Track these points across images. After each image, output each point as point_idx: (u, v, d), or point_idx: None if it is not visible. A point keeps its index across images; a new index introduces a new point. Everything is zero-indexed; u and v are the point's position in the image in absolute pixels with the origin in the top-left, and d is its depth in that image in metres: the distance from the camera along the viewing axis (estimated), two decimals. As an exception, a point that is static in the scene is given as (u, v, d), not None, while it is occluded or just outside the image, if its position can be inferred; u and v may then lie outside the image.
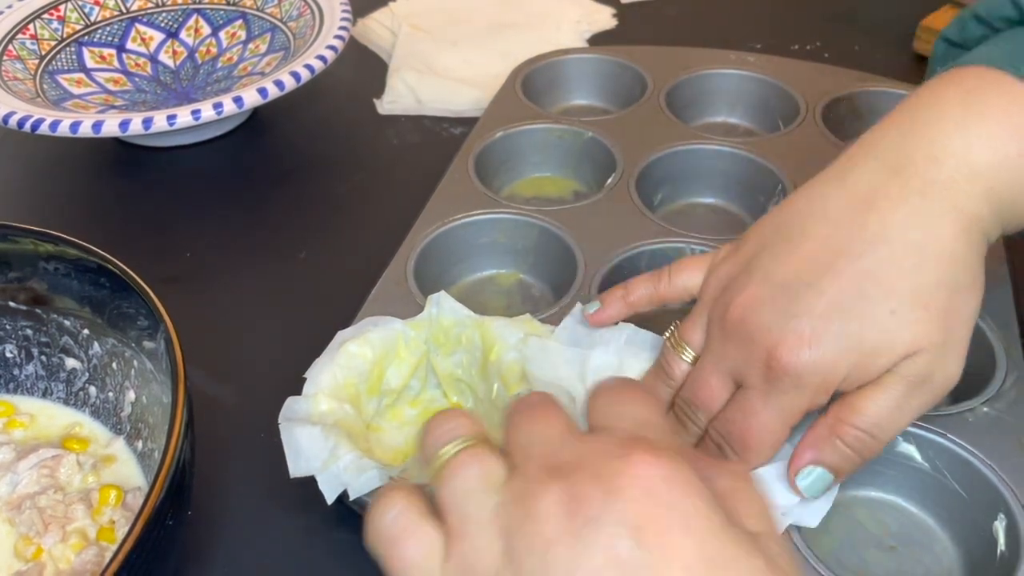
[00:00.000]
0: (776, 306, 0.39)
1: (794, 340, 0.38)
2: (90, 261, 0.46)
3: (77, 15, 0.78)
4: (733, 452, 0.41)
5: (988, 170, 0.38)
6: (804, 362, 0.38)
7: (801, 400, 0.39)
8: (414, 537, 0.30)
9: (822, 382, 0.38)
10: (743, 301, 0.40)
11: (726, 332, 0.41)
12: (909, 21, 0.80)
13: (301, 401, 0.45)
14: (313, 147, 0.74)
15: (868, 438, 0.39)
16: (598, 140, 0.64)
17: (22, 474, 0.46)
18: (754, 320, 0.40)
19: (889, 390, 0.38)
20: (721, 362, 0.41)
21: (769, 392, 0.39)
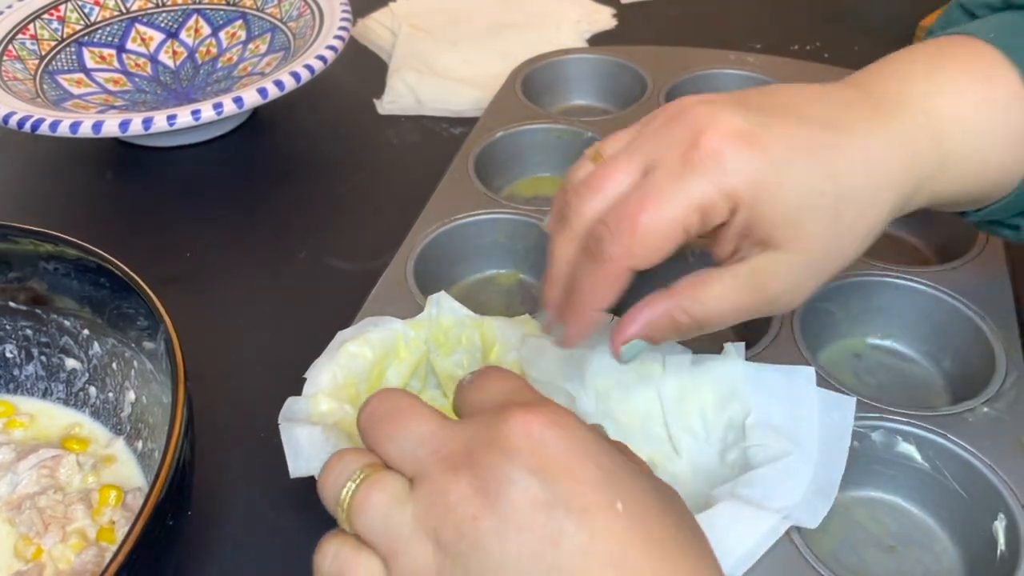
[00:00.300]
0: (732, 106, 0.37)
1: (738, 134, 0.35)
2: (90, 261, 0.46)
3: (77, 15, 0.78)
4: (614, 240, 0.36)
5: (942, 115, 0.39)
6: (736, 157, 0.35)
7: (707, 194, 0.35)
8: (355, 569, 0.31)
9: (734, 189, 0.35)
10: (698, 97, 0.38)
11: (661, 121, 0.38)
12: (909, 21, 0.80)
13: (301, 401, 0.45)
14: (313, 147, 0.74)
15: (697, 327, 0.39)
16: (598, 140, 0.64)
17: (22, 474, 0.46)
18: (700, 107, 0.37)
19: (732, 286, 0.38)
20: (637, 147, 0.38)
21: (681, 173, 0.36)
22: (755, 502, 0.40)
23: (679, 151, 0.36)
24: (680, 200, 0.35)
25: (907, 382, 0.50)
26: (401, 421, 0.32)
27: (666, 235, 0.36)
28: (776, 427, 0.43)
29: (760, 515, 0.39)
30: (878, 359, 0.52)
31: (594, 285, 0.38)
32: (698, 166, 0.35)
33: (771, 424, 0.43)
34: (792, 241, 0.37)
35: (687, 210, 0.35)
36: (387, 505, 0.31)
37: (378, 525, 0.31)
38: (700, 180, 0.35)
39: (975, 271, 0.51)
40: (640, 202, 0.36)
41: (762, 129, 0.36)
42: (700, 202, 0.35)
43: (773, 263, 0.38)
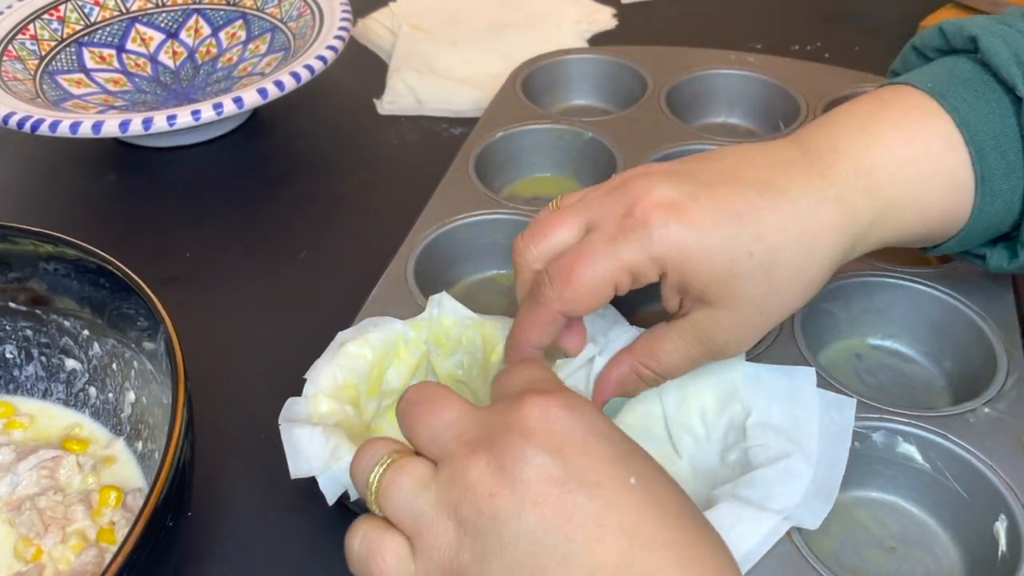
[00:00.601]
0: (669, 178, 0.40)
1: (669, 206, 0.39)
2: (90, 261, 0.46)
3: (77, 15, 0.78)
4: (551, 286, 0.40)
5: (875, 168, 0.41)
6: (663, 226, 0.38)
7: (636, 258, 0.39)
8: (383, 548, 0.33)
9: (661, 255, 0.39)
10: (642, 169, 0.42)
11: (607, 187, 0.41)
12: (909, 21, 0.80)
13: (301, 402, 0.45)
14: (313, 147, 0.74)
15: (659, 379, 0.43)
16: (598, 140, 0.64)
17: (22, 475, 0.46)
18: (641, 180, 0.40)
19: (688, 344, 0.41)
20: (583, 206, 0.41)
21: (615, 237, 0.39)
22: (755, 503, 0.40)
23: (615, 217, 0.40)
24: (611, 260, 0.39)
25: (908, 382, 0.50)
26: (432, 408, 0.35)
27: (596, 289, 0.40)
28: (776, 427, 0.43)
29: (761, 516, 0.39)
30: (879, 359, 0.52)
31: (531, 324, 0.42)
32: (629, 232, 0.39)
33: (771, 424, 0.43)
34: (726, 299, 0.40)
35: (617, 270, 0.39)
36: (412, 487, 0.33)
37: (404, 506, 0.33)
38: (630, 245, 0.39)
39: (976, 271, 0.51)
40: (576, 257, 0.40)
41: (690, 199, 0.39)
42: (629, 264, 0.39)
43: (712, 318, 0.41)
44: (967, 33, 0.44)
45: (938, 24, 0.47)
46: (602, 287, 0.40)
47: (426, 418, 0.34)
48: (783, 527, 0.40)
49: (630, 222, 0.39)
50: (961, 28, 0.45)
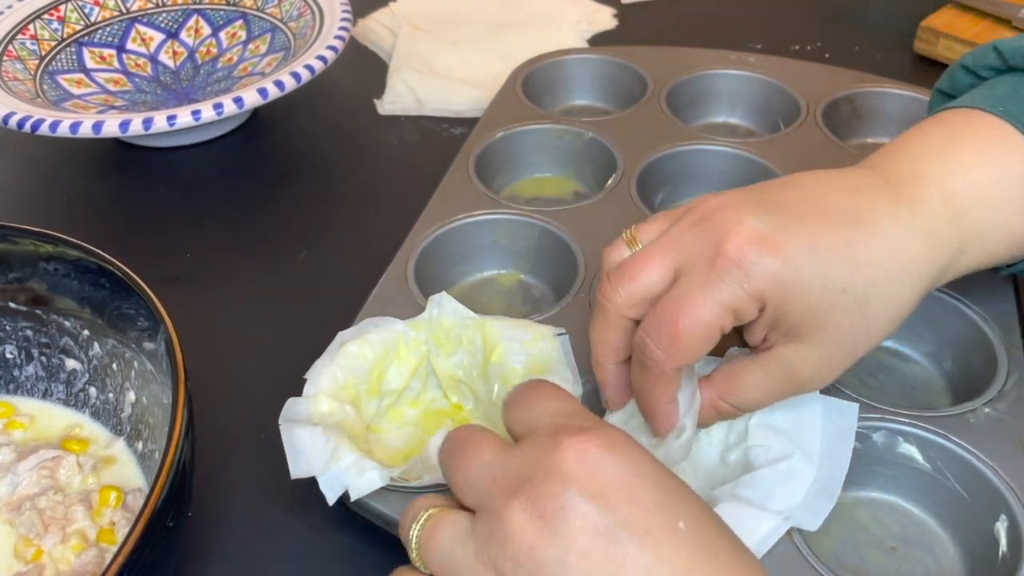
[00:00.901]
0: (753, 208, 0.39)
1: (759, 239, 0.37)
2: (90, 261, 0.46)
3: (77, 15, 0.78)
4: (657, 346, 0.38)
5: (959, 193, 0.40)
6: (758, 261, 0.37)
7: (737, 299, 0.37)
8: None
9: (760, 292, 0.37)
10: (721, 199, 0.40)
11: (689, 221, 0.39)
12: (909, 21, 0.80)
13: (301, 402, 0.45)
14: (313, 147, 0.74)
15: (737, 412, 0.41)
16: (598, 140, 0.64)
17: (22, 475, 0.46)
18: (725, 213, 0.38)
19: (771, 378, 0.40)
20: (669, 245, 0.39)
21: (709, 279, 0.37)
22: (756, 503, 0.40)
23: (706, 257, 0.38)
24: (713, 305, 0.37)
25: (908, 383, 0.50)
26: (466, 451, 0.34)
27: (703, 337, 0.38)
28: (778, 429, 0.43)
29: (761, 516, 0.39)
30: (879, 360, 0.52)
31: (653, 387, 0.39)
32: (724, 272, 0.37)
33: (773, 426, 0.43)
34: (817, 333, 0.38)
35: (720, 313, 0.37)
36: (451, 541, 0.32)
37: (444, 560, 0.32)
38: (728, 285, 0.37)
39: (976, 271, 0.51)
40: (676, 309, 0.38)
41: (782, 232, 0.38)
42: (731, 305, 0.37)
43: (799, 353, 0.39)
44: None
45: (991, 43, 0.47)
46: (710, 333, 0.38)
47: (462, 463, 0.33)
48: (783, 527, 0.40)
49: (723, 262, 0.37)
50: (1019, 48, 0.45)
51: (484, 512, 0.32)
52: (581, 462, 0.30)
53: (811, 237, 0.38)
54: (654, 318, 0.38)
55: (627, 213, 0.57)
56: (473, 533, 0.32)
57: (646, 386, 0.40)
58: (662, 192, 0.63)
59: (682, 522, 0.30)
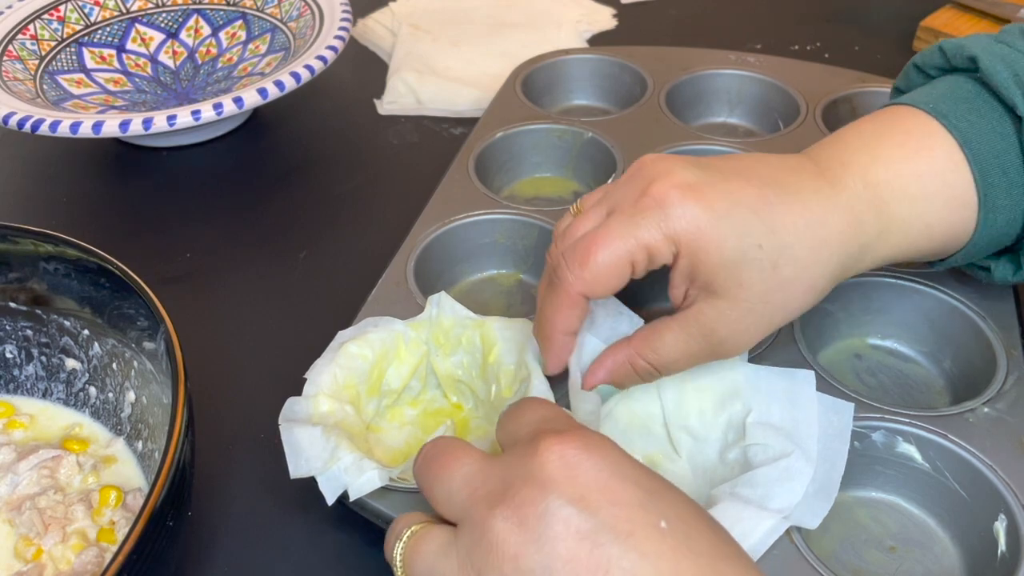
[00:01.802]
0: (685, 164, 0.41)
1: (685, 186, 0.39)
2: (90, 261, 0.46)
3: (77, 15, 0.78)
4: (569, 268, 0.40)
5: (881, 183, 0.42)
6: (681, 205, 0.39)
7: (652, 237, 0.39)
8: None
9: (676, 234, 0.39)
10: (657, 155, 0.42)
11: (625, 178, 0.42)
12: (909, 21, 0.80)
13: (301, 402, 0.45)
14: (313, 147, 0.74)
15: (655, 371, 0.42)
16: (598, 140, 0.64)
17: (22, 475, 0.46)
18: (656, 165, 0.41)
19: (690, 339, 0.41)
20: (605, 197, 0.42)
21: (631, 216, 0.39)
22: (755, 502, 0.40)
23: (632, 198, 0.40)
24: (627, 239, 0.39)
25: (908, 382, 0.50)
26: (444, 463, 0.34)
27: (613, 267, 0.40)
28: (776, 427, 0.43)
29: (760, 515, 0.39)
30: (879, 359, 0.52)
31: (555, 310, 0.41)
32: (645, 211, 0.39)
33: (771, 424, 0.43)
34: (732, 289, 0.40)
35: (633, 248, 0.39)
36: (433, 555, 0.32)
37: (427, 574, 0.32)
38: (647, 223, 0.39)
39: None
40: (593, 238, 0.40)
41: (708, 185, 0.40)
42: (645, 243, 0.39)
43: (716, 309, 0.40)
44: (967, 53, 0.45)
45: (938, 43, 0.48)
46: (619, 266, 0.39)
47: (442, 475, 0.33)
48: (783, 526, 0.40)
49: (647, 201, 0.39)
50: (961, 48, 0.46)
51: (466, 524, 0.32)
52: (561, 465, 0.31)
53: (734, 193, 0.39)
54: (573, 245, 0.40)
55: (627, 213, 0.57)
56: (456, 545, 0.31)
57: (548, 308, 0.41)
58: (662, 192, 0.63)
59: (664, 521, 0.30)
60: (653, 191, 0.39)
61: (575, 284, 0.40)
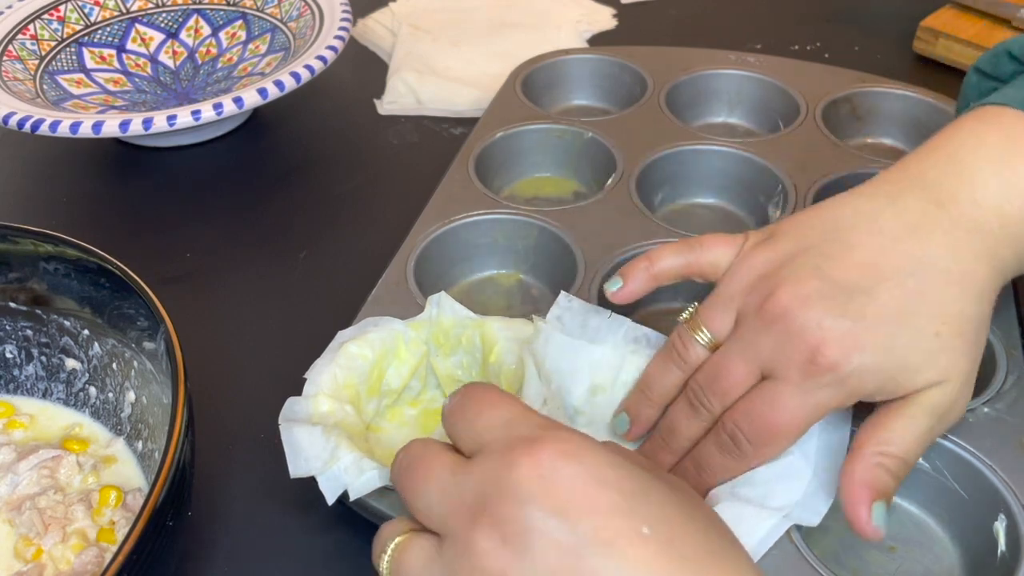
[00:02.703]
0: (827, 304, 0.39)
1: (846, 340, 0.38)
2: (90, 261, 0.46)
3: (77, 15, 0.78)
4: (749, 443, 0.40)
5: (1018, 217, 0.41)
6: (851, 363, 0.38)
7: (834, 400, 0.39)
8: None
9: (858, 386, 0.39)
10: (791, 292, 0.40)
11: (764, 320, 0.40)
12: (909, 21, 0.80)
13: (301, 401, 0.45)
14: (313, 147, 0.74)
15: (904, 465, 0.39)
16: (598, 140, 0.64)
17: (22, 475, 0.46)
18: (802, 313, 0.39)
19: (917, 419, 0.39)
20: (751, 350, 0.40)
21: (805, 387, 0.39)
22: (755, 501, 0.40)
23: (796, 363, 0.39)
24: (812, 411, 0.39)
25: (907, 382, 0.50)
26: (420, 474, 0.33)
27: (796, 437, 0.40)
28: None
29: (761, 514, 0.39)
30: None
31: (725, 471, 0.41)
32: (818, 378, 0.38)
33: None
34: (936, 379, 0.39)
35: (817, 415, 0.39)
36: (418, 564, 0.32)
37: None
38: (824, 391, 0.39)
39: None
40: (771, 412, 0.39)
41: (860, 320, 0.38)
42: (827, 407, 0.39)
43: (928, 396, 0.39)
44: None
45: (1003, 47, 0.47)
46: (802, 433, 0.40)
47: (419, 487, 0.33)
48: (783, 525, 0.40)
49: (816, 370, 0.38)
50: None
51: (448, 538, 0.31)
52: (538, 477, 0.30)
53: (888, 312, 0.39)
54: (745, 418, 0.40)
55: (627, 213, 0.57)
56: (440, 557, 0.31)
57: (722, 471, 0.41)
58: (662, 192, 0.63)
59: (647, 526, 0.29)
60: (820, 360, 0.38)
61: (755, 458, 0.40)
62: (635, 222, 0.57)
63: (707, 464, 0.42)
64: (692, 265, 0.45)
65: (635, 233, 0.56)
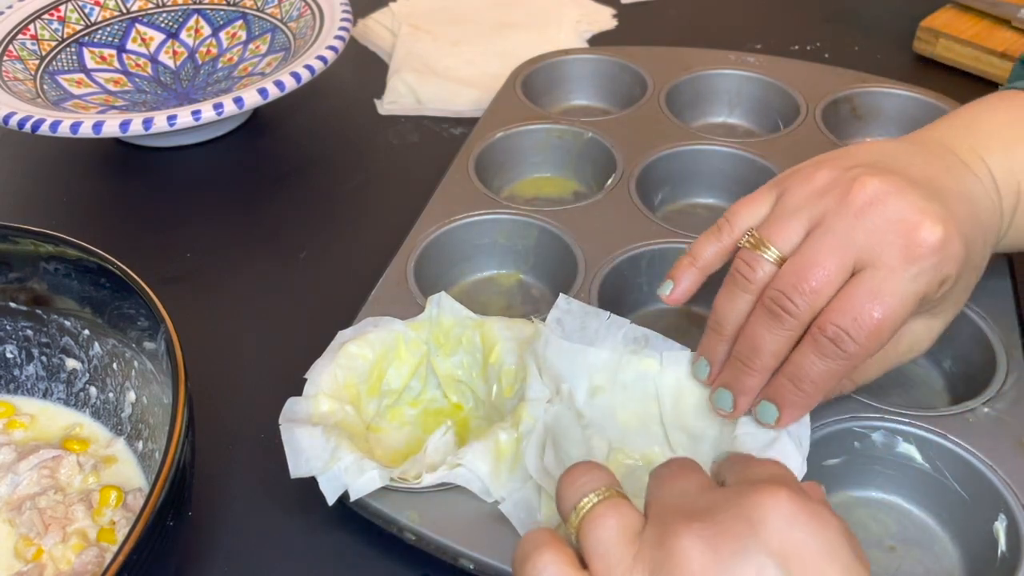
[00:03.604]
0: (918, 190, 0.39)
1: (948, 222, 0.38)
2: (90, 261, 0.46)
3: (77, 15, 0.78)
4: (854, 341, 0.38)
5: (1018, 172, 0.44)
6: (953, 244, 0.38)
7: (930, 283, 0.38)
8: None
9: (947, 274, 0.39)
10: (877, 180, 0.39)
11: (854, 209, 0.39)
12: (909, 21, 0.80)
13: (302, 402, 0.45)
14: (313, 147, 0.74)
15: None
16: (598, 140, 0.64)
17: (22, 475, 0.46)
18: (898, 197, 0.39)
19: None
20: (843, 241, 0.39)
21: (908, 272, 0.38)
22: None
23: (899, 248, 0.38)
24: (912, 295, 0.38)
25: (907, 382, 0.50)
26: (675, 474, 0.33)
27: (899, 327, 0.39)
28: None
29: None
30: (878, 359, 0.52)
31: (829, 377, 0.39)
32: (921, 261, 0.38)
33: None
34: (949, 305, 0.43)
35: (917, 301, 0.39)
36: (618, 531, 0.31)
37: (602, 546, 0.31)
38: (926, 274, 0.38)
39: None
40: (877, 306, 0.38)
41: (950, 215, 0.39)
42: (925, 291, 0.39)
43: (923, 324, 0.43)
44: None
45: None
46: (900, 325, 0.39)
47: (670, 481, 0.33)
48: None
49: (919, 251, 0.38)
50: None
51: (658, 523, 0.31)
52: (777, 514, 0.29)
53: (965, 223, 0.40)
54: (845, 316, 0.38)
55: (627, 213, 0.57)
56: (641, 536, 0.30)
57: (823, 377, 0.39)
58: (662, 192, 0.63)
59: None
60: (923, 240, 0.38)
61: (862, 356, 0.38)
62: (635, 222, 0.57)
63: (807, 374, 0.39)
64: (728, 243, 0.44)
65: (635, 233, 0.56)
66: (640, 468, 0.45)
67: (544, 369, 0.45)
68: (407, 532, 0.42)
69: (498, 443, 0.43)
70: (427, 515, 0.42)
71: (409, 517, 0.42)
